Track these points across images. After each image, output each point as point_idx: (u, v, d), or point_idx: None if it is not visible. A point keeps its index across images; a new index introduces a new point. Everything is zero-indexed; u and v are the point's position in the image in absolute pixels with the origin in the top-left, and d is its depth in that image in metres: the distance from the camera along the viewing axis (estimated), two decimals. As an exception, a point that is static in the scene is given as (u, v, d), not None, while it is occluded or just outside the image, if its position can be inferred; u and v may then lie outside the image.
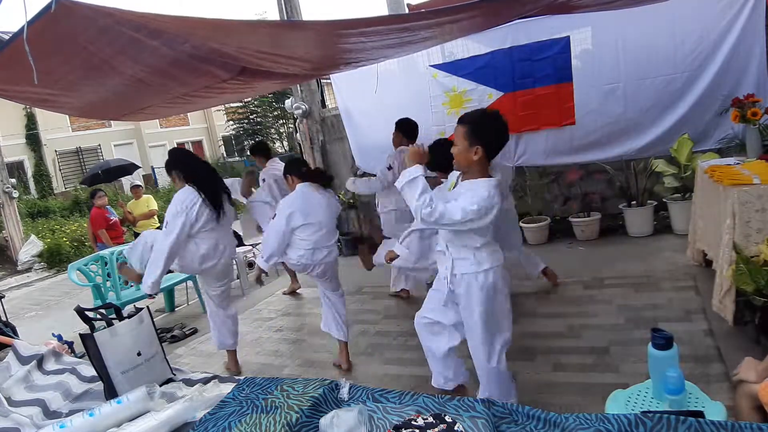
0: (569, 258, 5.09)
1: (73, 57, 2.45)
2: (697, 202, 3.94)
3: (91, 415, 1.46)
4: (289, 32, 2.94)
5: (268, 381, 1.56)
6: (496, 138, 2.33)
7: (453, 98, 5.88)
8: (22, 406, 1.72)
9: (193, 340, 4.67)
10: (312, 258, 3.41)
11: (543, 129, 5.56)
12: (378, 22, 2.91)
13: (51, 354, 2.05)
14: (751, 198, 2.92)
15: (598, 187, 5.64)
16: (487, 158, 2.34)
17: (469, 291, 2.38)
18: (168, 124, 23.58)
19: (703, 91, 4.86)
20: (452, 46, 5.68)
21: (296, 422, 1.30)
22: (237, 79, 3.38)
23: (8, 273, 10.54)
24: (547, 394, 2.80)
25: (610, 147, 5.37)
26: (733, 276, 2.79)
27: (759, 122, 3.80)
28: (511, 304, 2.55)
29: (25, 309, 7.54)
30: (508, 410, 1.23)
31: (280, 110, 20.95)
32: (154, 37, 2.35)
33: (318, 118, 7.03)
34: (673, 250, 4.59)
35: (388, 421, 1.28)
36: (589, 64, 5.20)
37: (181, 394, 1.65)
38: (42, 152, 19.27)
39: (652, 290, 3.86)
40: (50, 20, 1.91)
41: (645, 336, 1.86)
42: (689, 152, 4.76)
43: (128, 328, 1.74)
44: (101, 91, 3.18)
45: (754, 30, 4.59)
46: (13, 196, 10.51)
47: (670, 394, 1.52)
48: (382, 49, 3.64)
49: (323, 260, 3.46)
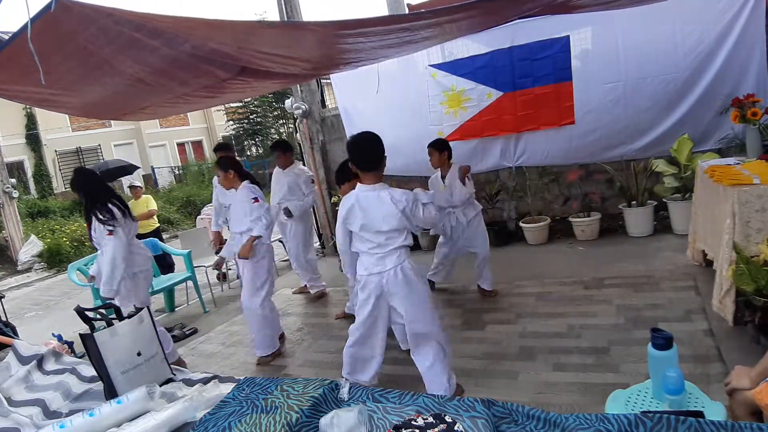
0: (569, 258, 5.09)
1: (73, 56, 2.45)
2: (697, 202, 3.94)
3: (91, 415, 1.46)
4: (289, 32, 2.94)
5: (268, 381, 1.56)
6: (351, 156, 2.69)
7: (451, 98, 5.88)
8: (22, 406, 1.72)
9: (193, 340, 4.67)
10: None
11: (542, 129, 5.56)
12: (377, 22, 2.91)
13: (51, 354, 2.05)
14: (751, 198, 2.92)
15: (598, 187, 5.64)
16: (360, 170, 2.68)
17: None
18: (168, 124, 23.58)
19: (703, 90, 4.87)
20: (452, 45, 5.68)
21: (296, 422, 1.30)
22: (237, 78, 3.39)
23: (8, 273, 10.54)
24: (547, 394, 2.80)
25: (610, 147, 5.37)
26: (733, 276, 2.79)
27: (759, 122, 3.80)
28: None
29: (25, 309, 7.54)
30: (508, 410, 1.23)
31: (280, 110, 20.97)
32: (154, 37, 2.35)
33: (318, 118, 7.03)
34: (673, 250, 4.59)
35: (388, 421, 1.28)
36: (589, 63, 5.20)
37: (181, 394, 1.65)
38: (42, 152, 19.27)
39: (652, 290, 3.86)
40: (50, 20, 1.91)
41: (645, 336, 1.86)
42: (689, 152, 4.76)
43: (128, 328, 1.74)
44: (101, 91, 3.18)
45: (754, 30, 4.59)
46: (13, 196, 10.51)
47: (670, 394, 1.52)
48: (382, 49, 3.64)
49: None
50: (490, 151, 5.94)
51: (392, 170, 6.66)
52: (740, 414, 1.64)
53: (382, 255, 2.62)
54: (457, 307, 4.28)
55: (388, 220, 2.57)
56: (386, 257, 2.61)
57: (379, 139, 2.69)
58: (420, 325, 2.69)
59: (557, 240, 5.71)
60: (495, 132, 5.79)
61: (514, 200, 6.14)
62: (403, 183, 6.64)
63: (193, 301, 5.70)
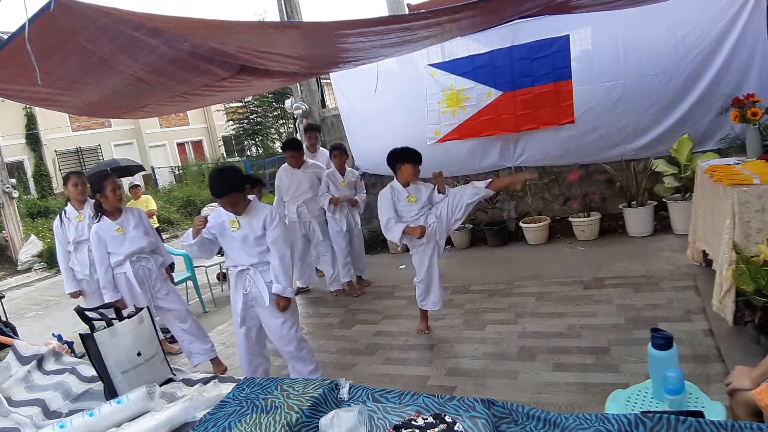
0: (569, 258, 5.09)
1: (73, 56, 2.45)
2: (697, 202, 3.93)
3: (91, 415, 1.46)
4: (289, 32, 2.94)
5: (268, 381, 1.56)
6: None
7: (450, 97, 5.88)
8: (22, 406, 1.72)
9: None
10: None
11: (542, 128, 5.56)
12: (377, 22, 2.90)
13: (51, 354, 2.05)
14: (751, 198, 2.92)
15: (598, 187, 5.64)
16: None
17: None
18: (168, 124, 23.58)
19: (704, 90, 4.86)
20: (452, 45, 5.67)
21: (296, 422, 1.30)
22: (236, 77, 3.39)
23: (8, 273, 10.53)
24: (547, 394, 2.80)
25: (610, 146, 5.37)
26: (733, 276, 2.79)
27: (759, 122, 3.80)
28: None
29: (25, 309, 7.54)
30: (508, 410, 1.23)
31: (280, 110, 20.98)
32: (154, 36, 2.35)
33: (318, 118, 7.02)
34: (673, 250, 4.59)
35: (388, 421, 1.28)
36: (589, 62, 5.20)
37: (181, 394, 1.65)
38: (42, 152, 19.28)
39: (652, 290, 3.86)
40: (50, 19, 1.91)
41: (645, 336, 1.86)
42: (689, 152, 4.76)
43: (128, 328, 1.74)
44: (101, 90, 3.18)
45: (755, 30, 4.59)
46: (13, 196, 10.50)
47: (670, 394, 1.51)
48: (381, 48, 3.64)
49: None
50: (490, 151, 5.94)
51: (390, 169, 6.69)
52: (740, 414, 1.64)
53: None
54: (457, 307, 4.28)
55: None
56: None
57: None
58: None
59: (557, 240, 5.71)
60: (494, 132, 5.78)
61: (514, 200, 6.14)
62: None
63: (193, 301, 5.69)
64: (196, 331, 3.83)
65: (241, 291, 2.97)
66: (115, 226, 3.56)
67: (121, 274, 3.59)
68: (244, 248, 2.91)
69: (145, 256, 3.66)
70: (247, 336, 3.09)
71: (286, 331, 3.03)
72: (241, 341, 3.11)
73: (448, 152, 6.01)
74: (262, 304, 2.94)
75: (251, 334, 3.09)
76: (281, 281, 2.89)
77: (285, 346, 3.08)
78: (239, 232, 2.89)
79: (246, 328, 3.06)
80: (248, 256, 2.92)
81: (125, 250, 3.57)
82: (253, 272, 2.93)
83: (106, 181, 3.50)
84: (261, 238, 2.90)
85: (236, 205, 2.86)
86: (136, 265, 3.61)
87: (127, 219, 3.61)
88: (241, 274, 2.96)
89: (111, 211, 3.57)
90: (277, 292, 2.90)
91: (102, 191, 3.50)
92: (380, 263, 6.18)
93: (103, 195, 3.51)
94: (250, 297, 2.98)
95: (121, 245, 3.57)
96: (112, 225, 3.56)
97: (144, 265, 3.66)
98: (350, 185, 5.10)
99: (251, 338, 3.11)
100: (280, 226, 2.92)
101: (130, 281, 3.57)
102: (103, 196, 3.51)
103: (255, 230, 2.88)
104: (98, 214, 3.57)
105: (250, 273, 2.94)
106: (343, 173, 5.08)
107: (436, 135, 6.02)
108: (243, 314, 3.00)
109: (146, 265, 3.67)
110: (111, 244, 3.56)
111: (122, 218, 3.60)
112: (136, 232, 3.61)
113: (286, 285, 2.90)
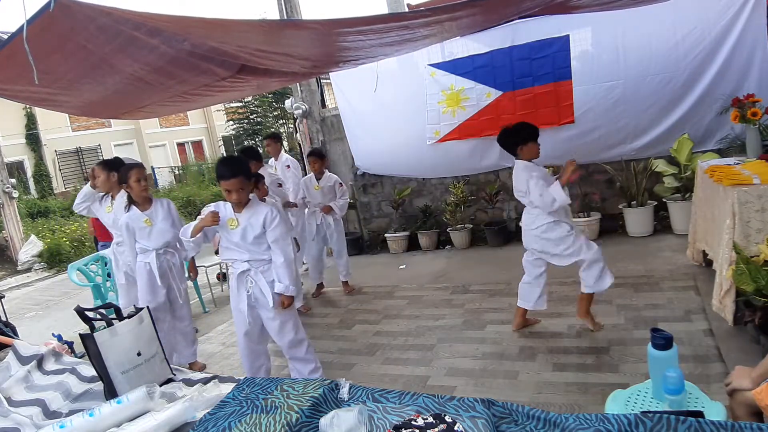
0: (569, 258, 5.08)
1: (72, 56, 2.44)
2: (697, 202, 3.93)
3: (91, 415, 1.46)
4: (288, 30, 2.93)
5: (268, 381, 1.56)
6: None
7: (450, 97, 5.88)
8: (22, 406, 1.72)
9: (193, 340, 4.66)
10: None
11: (542, 128, 5.54)
12: (377, 21, 2.90)
13: (51, 354, 2.05)
14: (751, 198, 2.92)
15: (598, 187, 5.64)
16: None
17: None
18: (168, 124, 23.58)
19: (704, 90, 4.86)
20: (452, 45, 5.67)
21: (296, 422, 1.30)
22: (236, 77, 3.38)
23: (8, 273, 10.53)
24: (547, 394, 2.80)
25: (610, 146, 5.37)
26: (733, 276, 2.79)
27: (759, 122, 3.80)
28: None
29: (25, 309, 7.53)
30: (508, 410, 1.23)
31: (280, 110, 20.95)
32: (153, 36, 2.34)
33: (318, 118, 7.03)
34: (673, 250, 4.59)
35: (388, 421, 1.28)
36: (589, 62, 5.20)
37: (181, 394, 1.65)
38: (42, 152, 19.27)
39: (652, 290, 3.86)
40: (49, 19, 1.91)
41: (645, 336, 1.86)
42: (689, 152, 4.76)
43: (128, 328, 1.74)
44: (100, 90, 3.18)
45: (755, 30, 4.59)
46: (13, 196, 10.49)
47: (670, 394, 1.51)
48: (381, 47, 3.63)
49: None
50: (490, 151, 5.93)
51: (390, 169, 6.69)
52: (740, 414, 1.64)
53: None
54: (457, 307, 4.28)
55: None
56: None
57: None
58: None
59: (557, 240, 5.70)
60: (494, 132, 5.73)
61: (514, 200, 6.13)
62: (402, 182, 6.66)
63: (193, 301, 5.68)
64: (188, 334, 3.83)
65: (244, 293, 2.96)
66: (144, 216, 3.56)
67: (144, 263, 3.59)
68: (241, 245, 2.91)
69: (171, 250, 3.67)
70: (248, 336, 3.09)
71: (288, 331, 3.03)
72: (242, 341, 3.11)
73: (448, 152, 6.02)
74: (265, 305, 2.94)
75: (253, 335, 3.09)
76: (284, 280, 2.89)
77: (287, 346, 3.08)
78: (238, 229, 2.89)
79: (247, 328, 3.06)
80: (246, 253, 2.92)
81: (152, 244, 3.58)
82: (254, 273, 2.93)
83: (130, 171, 3.50)
84: (260, 237, 2.89)
85: (240, 192, 2.82)
86: (161, 258, 3.62)
87: (156, 210, 3.61)
88: (243, 275, 2.96)
89: (140, 201, 3.57)
90: (279, 291, 2.89)
91: (126, 181, 3.50)
92: (380, 263, 6.18)
93: (128, 185, 3.51)
94: (253, 298, 2.98)
95: (148, 237, 3.58)
96: (141, 216, 3.56)
97: (168, 259, 3.66)
98: (326, 190, 5.00)
99: (253, 338, 3.11)
100: (280, 225, 2.91)
101: (152, 271, 3.57)
102: (129, 186, 3.51)
103: (254, 228, 2.87)
104: (129, 204, 3.58)
105: (251, 274, 2.94)
106: (319, 179, 5.01)
107: (436, 135, 6.02)
108: (249, 315, 3.00)
109: (171, 259, 3.67)
110: (139, 234, 3.57)
111: (151, 209, 3.60)
112: (164, 224, 3.61)
113: (288, 283, 2.90)
